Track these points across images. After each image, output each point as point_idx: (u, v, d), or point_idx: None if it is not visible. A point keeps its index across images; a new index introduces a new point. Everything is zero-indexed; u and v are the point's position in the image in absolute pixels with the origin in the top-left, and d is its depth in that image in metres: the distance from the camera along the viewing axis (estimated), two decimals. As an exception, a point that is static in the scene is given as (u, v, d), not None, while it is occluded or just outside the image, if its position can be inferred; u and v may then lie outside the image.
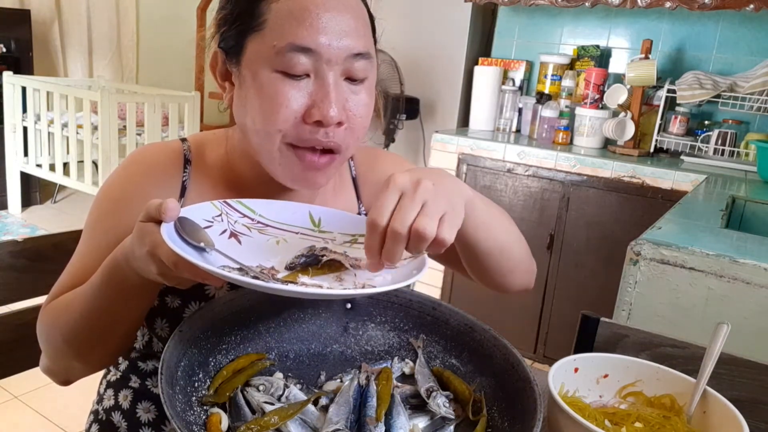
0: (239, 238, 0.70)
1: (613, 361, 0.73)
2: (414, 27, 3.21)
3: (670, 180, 2.28)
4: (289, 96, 0.69)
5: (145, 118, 3.58)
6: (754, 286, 1.15)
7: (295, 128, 0.70)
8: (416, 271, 0.63)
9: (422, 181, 0.60)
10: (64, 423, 2.01)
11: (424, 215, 0.58)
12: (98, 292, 0.69)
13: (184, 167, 0.81)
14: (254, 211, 0.73)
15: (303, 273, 0.67)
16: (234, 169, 0.82)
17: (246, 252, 0.68)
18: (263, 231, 0.73)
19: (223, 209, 0.71)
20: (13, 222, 3.88)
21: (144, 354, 0.83)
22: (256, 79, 0.70)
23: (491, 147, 2.62)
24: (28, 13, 4.12)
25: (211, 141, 0.85)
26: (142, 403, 0.82)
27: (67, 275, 0.80)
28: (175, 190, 0.79)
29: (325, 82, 0.69)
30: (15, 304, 0.96)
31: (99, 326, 0.71)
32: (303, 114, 0.70)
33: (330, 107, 0.69)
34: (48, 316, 0.77)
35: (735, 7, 2.40)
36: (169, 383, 0.57)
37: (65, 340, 0.74)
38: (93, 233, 0.80)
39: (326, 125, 0.70)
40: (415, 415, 0.64)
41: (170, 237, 0.58)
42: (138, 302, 0.70)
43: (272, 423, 0.57)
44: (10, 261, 0.94)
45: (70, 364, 0.77)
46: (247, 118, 0.72)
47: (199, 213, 0.69)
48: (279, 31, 0.68)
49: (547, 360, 2.59)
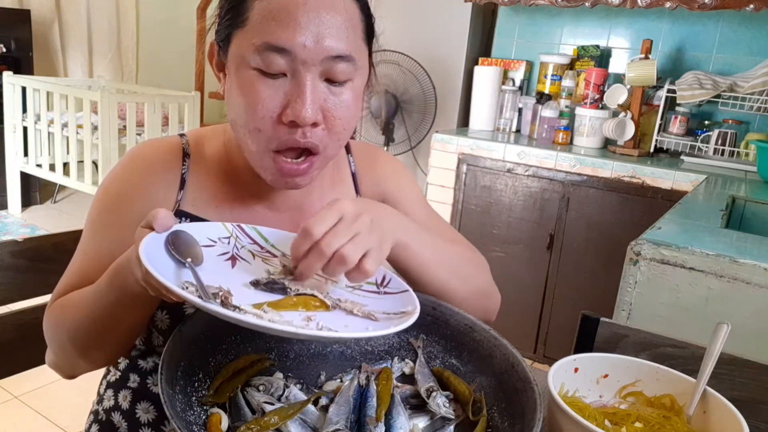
0: (235, 262, 0.69)
1: (613, 361, 0.73)
2: (414, 27, 3.21)
3: (670, 180, 2.28)
4: (264, 95, 0.69)
5: (145, 118, 3.58)
6: (754, 286, 1.15)
7: (273, 129, 0.70)
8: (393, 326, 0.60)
9: (362, 215, 0.65)
10: (64, 423, 2.01)
11: (352, 243, 0.62)
12: (103, 295, 0.69)
13: (183, 161, 0.81)
14: (267, 240, 0.73)
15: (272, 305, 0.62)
16: (231, 161, 0.82)
17: (232, 276, 0.66)
18: (267, 261, 0.71)
19: (234, 232, 0.71)
20: (13, 222, 3.88)
21: (144, 351, 0.84)
22: (237, 74, 0.71)
23: (491, 147, 2.62)
24: (28, 13, 4.12)
25: (210, 134, 0.85)
26: (142, 404, 0.82)
27: (70, 273, 0.80)
28: (174, 183, 0.80)
29: (301, 82, 0.69)
30: (15, 304, 0.96)
31: (103, 328, 0.72)
32: (279, 114, 0.70)
33: (303, 107, 0.68)
34: (53, 315, 0.77)
35: (735, 7, 2.40)
36: (169, 383, 0.57)
37: (70, 339, 0.75)
38: (95, 230, 0.80)
39: (301, 125, 0.69)
40: (415, 415, 0.64)
41: (150, 248, 0.58)
42: (141, 308, 0.70)
43: (272, 423, 0.57)
44: (10, 261, 0.94)
45: (75, 361, 0.78)
46: (232, 113, 0.73)
47: (207, 231, 0.69)
48: (258, 29, 0.68)
49: (547, 360, 2.59)
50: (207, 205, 0.81)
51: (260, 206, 0.83)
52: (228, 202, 0.82)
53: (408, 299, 0.67)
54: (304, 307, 0.64)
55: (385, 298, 0.69)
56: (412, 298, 0.67)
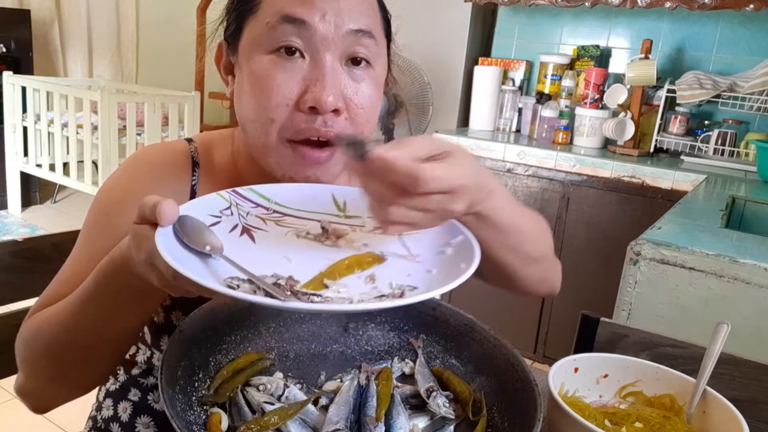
0: (253, 234, 0.62)
1: (613, 361, 0.73)
2: (414, 27, 3.21)
3: (669, 180, 2.28)
4: (280, 80, 0.63)
5: (145, 118, 3.58)
6: (754, 286, 1.15)
7: (290, 118, 0.65)
8: (465, 264, 0.54)
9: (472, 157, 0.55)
10: (63, 423, 2.01)
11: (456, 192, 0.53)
12: (90, 299, 0.62)
13: (192, 170, 0.75)
14: (269, 199, 0.65)
15: (327, 276, 0.57)
16: (240, 172, 0.77)
17: (261, 252, 0.59)
18: (281, 222, 0.64)
19: (232, 200, 0.64)
20: (13, 222, 3.88)
21: (145, 370, 0.79)
22: (249, 64, 0.66)
23: (491, 147, 2.62)
24: (28, 13, 4.12)
25: (218, 141, 0.80)
26: (142, 418, 0.78)
27: (59, 282, 0.72)
28: (184, 195, 0.74)
29: (320, 64, 0.63)
30: (15, 304, 0.96)
31: (88, 340, 0.64)
32: (297, 100, 0.64)
33: (324, 90, 0.62)
34: (30, 329, 0.68)
35: (735, 7, 2.40)
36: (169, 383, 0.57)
37: (47, 355, 0.66)
38: (92, 236, 0.73)
39: (321, 112, 0.63)
40: (415, 415, 0.64)
41: (167, 245, 0.50)
42: (139, 312, 0.63)
43: (272, 423, 0.57)
44: (10, 261, 0.94)
45: (49, 385, 0.69)
46: (242, 109, 0.68)
47: (205, 207, 0.61)
48: (272, 6, 0.64)
49: (547, 360, 2.59)
50: None
51: None
52: None
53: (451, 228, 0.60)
54: (359, 267, 0.58)
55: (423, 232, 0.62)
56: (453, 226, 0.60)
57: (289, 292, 0.51)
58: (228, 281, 0.51)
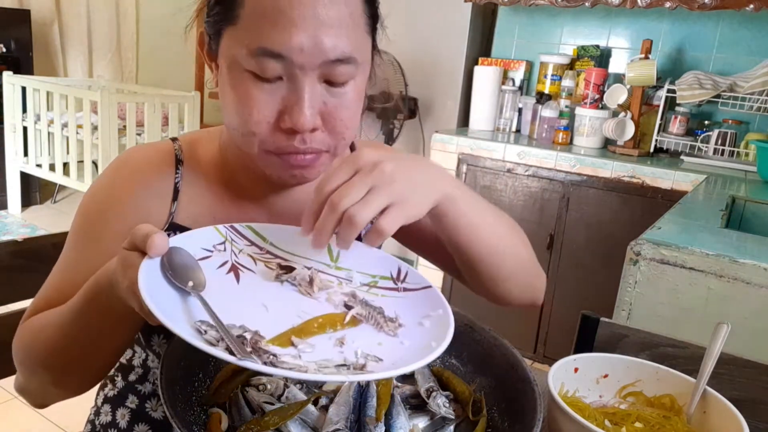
0: (239, 274, 0.63)
1: (613, 361, 0.73)
2: (414, 27, 3.21)
3: (669, 180, 2.28)
4: (260, 100, 0.64)
5: (145, 118, 3.58)
6: (754, 286, 1.15)
7: (271, 135, 0.66)
8: (435, 343, 0.55)
9: (382, 164, 0.58)
10: (63, 423, 2.01)
11: (363, 202, 0.56)
12: (79, 315, 0.63)
13: (176, 168, 0.75)
14: (265, 238, 0.67)
15: (297, 333, 0.56)
16: (227, 166, 0.77)
17: (242, 295, 0.60)
18: (270, 263, 0.65)
19: (228, 235, 0.65)
20: (13, 222, 3.88)
21: (141, 376, 0.79)
22: (229, 75, 0.66)
23: (491, 147, 2.62)
24: (28, 13, 4.13)
25: (204, 138, 0.80)
26: (140, 426, 0.78)
27: (48, 287, 0.73)
28: (167, 193, 0.74)
29: (298, 87, 0.64)
30: (15, 304, 0.96)
31: (79, 351, 0.66)
32: (276, 120, 0.65)
33: (301, 114, 0.64)
34: (25, 335, 0.70)
35: (735, 7, 2.40)
36: (169, 383, 0.57)
37: (42, 362, 0.68)
38: (77, 242, 0.74)
39: (300, 132, 0.65)
40: (415, 415, 0.64)
41: (148, 277, 0.52)
42: (123, 331, 0.64)
43: (272, 423, 0.57)
44: (10, 261, 0.94)
45: (46, 388, 0.71)
46: (225, 114, 0.69)
47: (198, 239, 0.62)
48: (251, 30, 0.63)
49: (547, 360, 2.59)
50: (203, 217, 0.75)
51: (260, 214, 0.78)
52: (225, 212, 0.76)
53: (433, 299, 0.62)
54: (331, 327, 0.58)
55: (406, 297, 0.64)
56: (436, 297, 0.62)
57: (250, 348, 0.51)
58: (197, 324, 0.52)
